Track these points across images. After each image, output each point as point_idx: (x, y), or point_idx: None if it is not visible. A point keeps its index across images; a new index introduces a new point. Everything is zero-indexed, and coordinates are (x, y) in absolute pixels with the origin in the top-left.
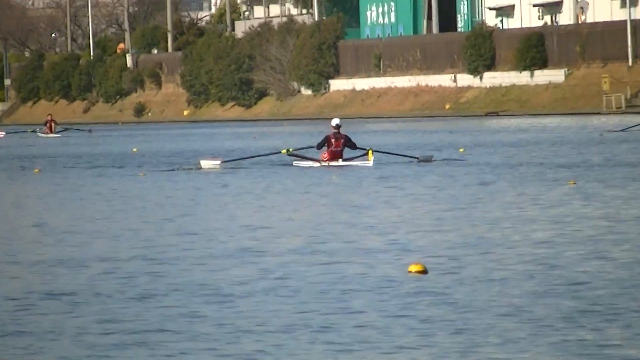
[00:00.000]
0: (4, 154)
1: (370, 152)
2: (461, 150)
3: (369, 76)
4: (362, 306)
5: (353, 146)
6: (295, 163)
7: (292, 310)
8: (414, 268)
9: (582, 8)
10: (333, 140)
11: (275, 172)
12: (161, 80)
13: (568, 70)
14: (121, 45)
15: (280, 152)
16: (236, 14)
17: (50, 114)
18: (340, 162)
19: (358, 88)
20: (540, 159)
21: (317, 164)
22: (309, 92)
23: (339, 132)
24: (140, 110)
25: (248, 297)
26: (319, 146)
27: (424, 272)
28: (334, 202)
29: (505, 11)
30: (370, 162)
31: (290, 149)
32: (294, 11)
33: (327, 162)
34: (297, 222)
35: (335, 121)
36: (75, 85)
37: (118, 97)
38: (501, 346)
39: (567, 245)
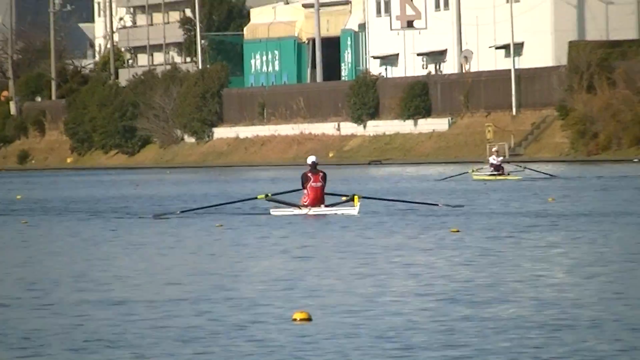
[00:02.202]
0: None
1: (356, 198)
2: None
3: (252, 124)
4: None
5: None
6: (272, 212)
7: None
8: (298, 316)
9: (465, 57)
10: (310, 175)
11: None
12: (45, 128)
13: (452, 119)
14: (5, 93)
15: (256, 198)
16: (120, 62)
17: None
18: (322, 209)
19: (242, 136)
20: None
21: (297, 210)
22: (193, 140)
23: (315, 168)
24: (23, 157)
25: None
26: (303, 187)
27: (308, 319)
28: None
29: (389, 60)
30: (356, 208)
31: (269, 194)
32: (178, 59)
33: (309, 207)
34: (183, 270)
35: (311, 159)
36: None
37: (1, 144)
38: None
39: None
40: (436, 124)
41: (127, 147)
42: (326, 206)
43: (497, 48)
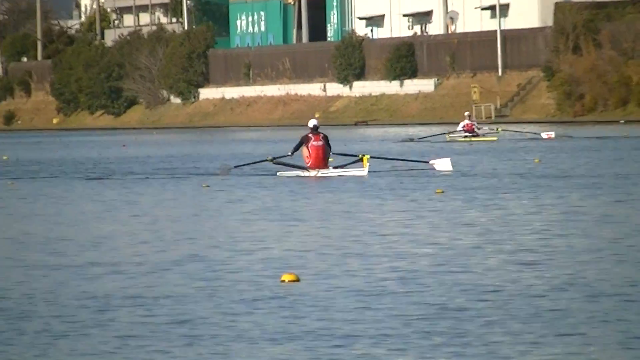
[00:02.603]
0: None
1: (365, 158)
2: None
3: (238, 85)
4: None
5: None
6: (279, 174)
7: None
8: (286, 277)
9: (451, 18)
10: (311, 135)
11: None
12: (31, 88)
13: (438, 80)
14: None
15: (266, 160)
16: (106, 23)
17: None
18: (331, 170)
19: (227, 97)
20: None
21: (305, 173)
22: (179, 100)
23: (316, 130)
24: (9, 118)
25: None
26: (295, 149)
27: (296, 280)
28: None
29: (375, 21)
30: (365, 169)
31: (273, 157)
32: (164, 20)
33: (316, 169)
34: (174, 231)
35: (312, 122)
36: None
37: None
38: (373, 348)
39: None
40: (422, 85)
41: (113, 108)
42: (334, 168)
43: (482, 9)
